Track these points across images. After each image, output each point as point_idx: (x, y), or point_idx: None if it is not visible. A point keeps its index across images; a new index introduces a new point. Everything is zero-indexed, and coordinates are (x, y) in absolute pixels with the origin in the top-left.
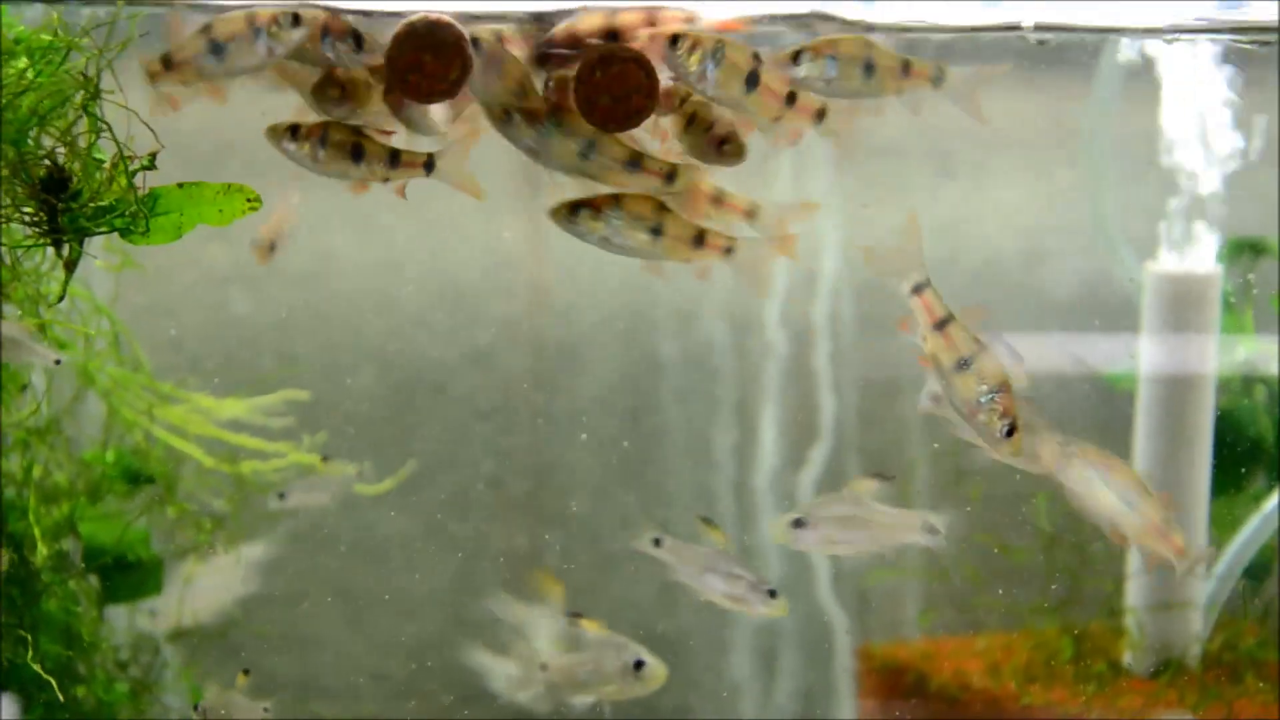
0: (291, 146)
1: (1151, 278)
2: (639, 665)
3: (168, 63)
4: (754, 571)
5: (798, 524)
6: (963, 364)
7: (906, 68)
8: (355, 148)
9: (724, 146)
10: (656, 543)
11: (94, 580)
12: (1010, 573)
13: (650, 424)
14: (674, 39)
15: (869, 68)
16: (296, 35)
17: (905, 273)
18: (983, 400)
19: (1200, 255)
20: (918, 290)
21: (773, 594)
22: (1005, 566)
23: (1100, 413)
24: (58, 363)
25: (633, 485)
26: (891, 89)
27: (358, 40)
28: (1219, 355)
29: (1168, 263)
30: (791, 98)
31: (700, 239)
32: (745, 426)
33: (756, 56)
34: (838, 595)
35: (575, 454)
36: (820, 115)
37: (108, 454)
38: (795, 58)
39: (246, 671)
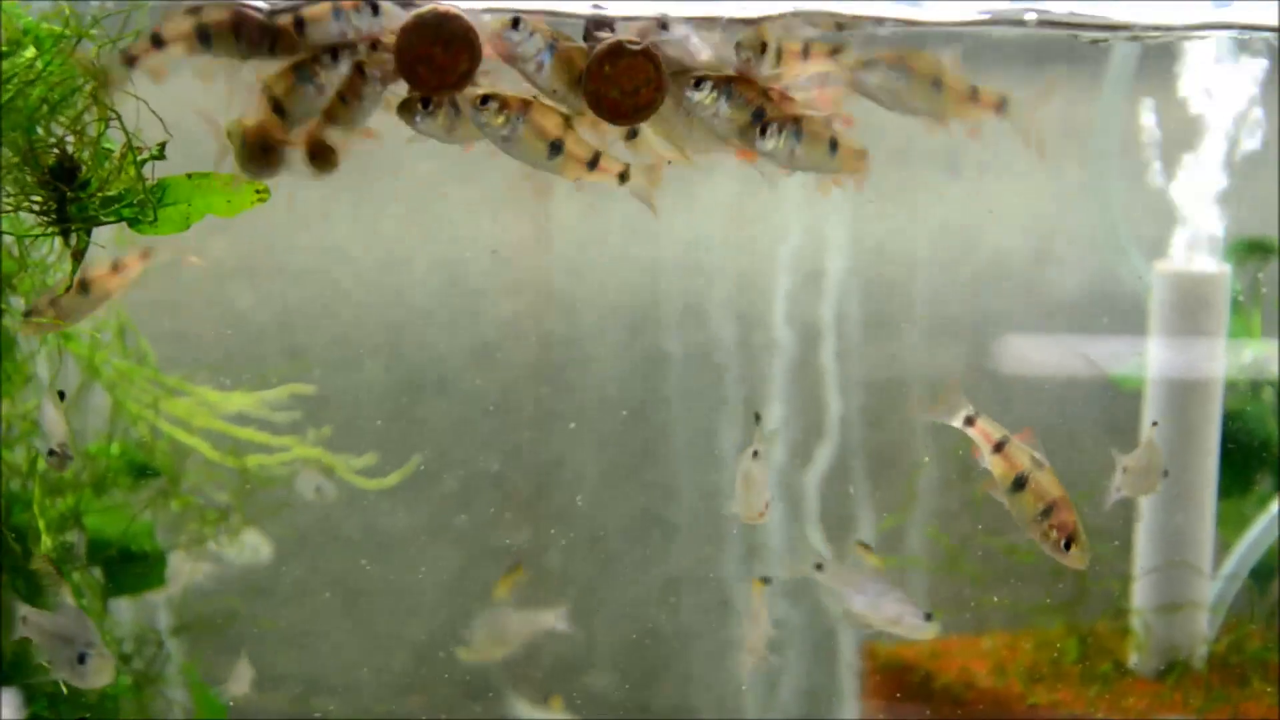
0: (483, 119)
1: (1160, 277)
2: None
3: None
4: (908, 595)
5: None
6: (1020, 482)
7: (974, 93)
8: (556, 143)
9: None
10: (819, 567)
11: (98, 573)
12: (1016, 572)
13: (655, 421)
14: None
15: (938, 85)
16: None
17: (955, 412)
18: (1040, 517)
19: (1209, 255)
20: (969, 422)
21: (929, 617)
22: (1011, 566)
23: (1107, 413)
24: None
25: (637, 482)
26: (955, 112)
27: (374, 7)
28: (1227, 356)
29: (1176, 262)
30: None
31: (595, 162)
32: (750, 424)
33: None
34: None
35: (580, 451)
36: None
37: (113, 447)
38: (867, 65)
39: None
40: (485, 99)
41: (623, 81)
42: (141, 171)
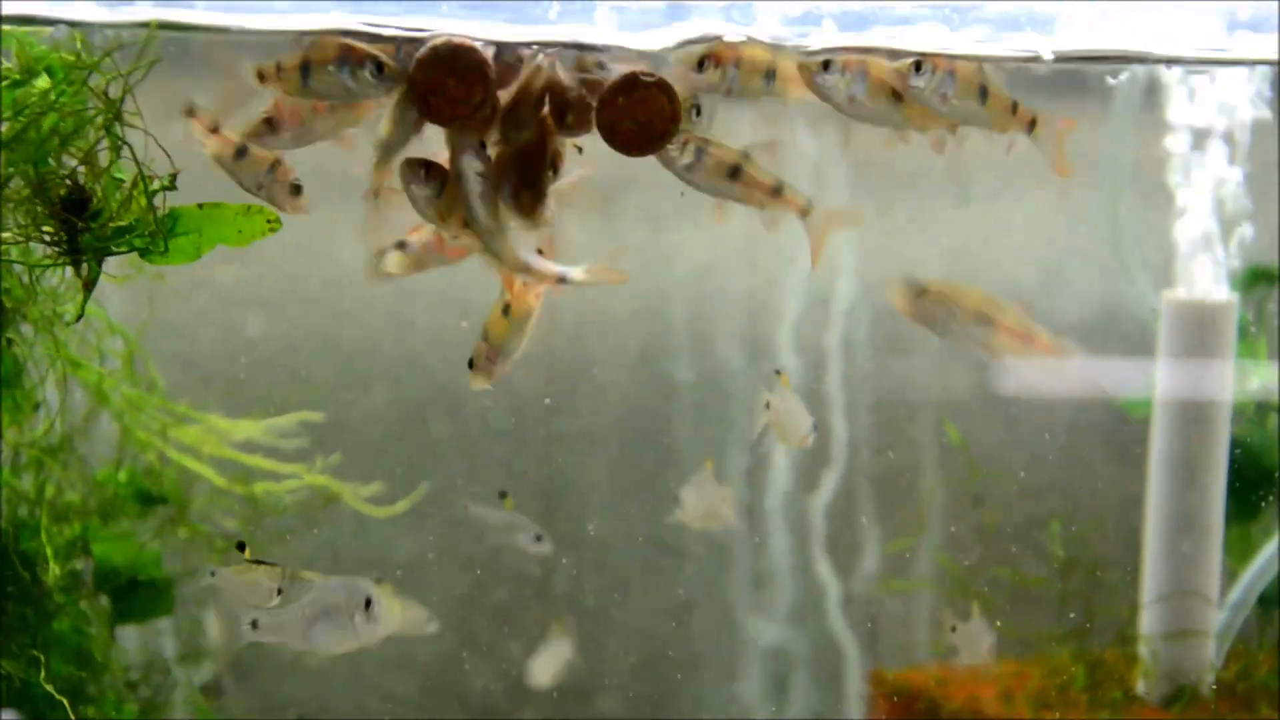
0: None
1: (1169, 305)
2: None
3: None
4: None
5: None
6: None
7: (1014, 108)
8: (734, 169)
9: None
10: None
11: (105, 600)
12: (1024, 599)
13: (663, 446)
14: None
15: (984, 94)
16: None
17: None
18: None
19: (1216, 283)
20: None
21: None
22: (1019, 592)
23: (1115, 439)
24: None
25: (645, 507)
26: (997, 125)
27: (379, 67)
28: (1234, 383)
29: (1185, 290)
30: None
31: (778, 191)
32: (757, 449)
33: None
34: (849, 619)
35: (587, 475)
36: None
37: (121, 474)
38: (917, 68)
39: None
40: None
41: (637, 113)
42: (152, 202)
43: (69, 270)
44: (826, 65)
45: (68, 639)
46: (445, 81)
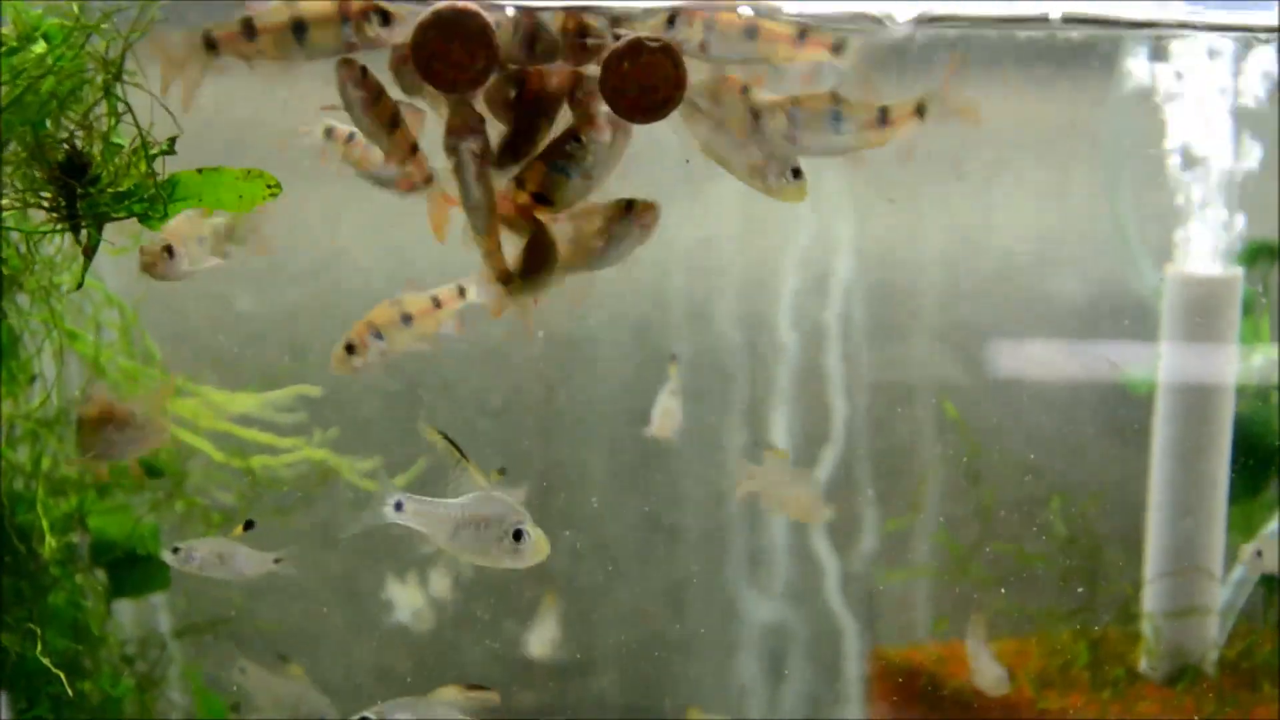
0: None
1: (1171, 281)
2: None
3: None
4: None
5: None
6: None
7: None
8: (750, 29)
9: None
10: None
11: (101, 574)
12: (1025, 577)
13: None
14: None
15: (751, 33)
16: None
17: None
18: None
19: (1220, 258)
20: None
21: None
22: (1020, 570)
23: (1117, 417)
24: None
25: (642, 486)
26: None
27: (384, 16)
28: (1238, 359)
29: (1187, 265)
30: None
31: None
32: (756, 428)
33: None
34: (847, 598)
35: (585, 454)
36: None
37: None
38: (670, 21)
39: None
40: None
41: (641, 78)
42: (152, 166)
43: (66, 240)
44: (672, 20)
45: (64, 613)
46: (448, 47)
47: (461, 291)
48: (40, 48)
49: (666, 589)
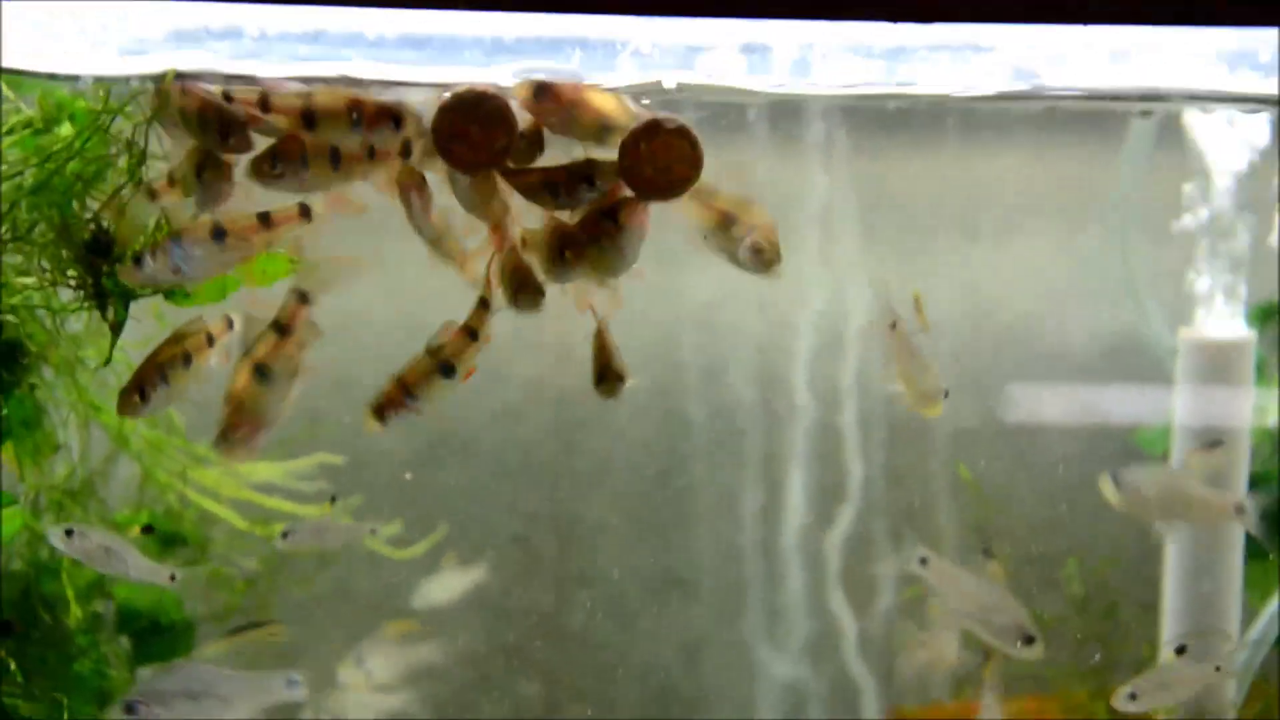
0: None
1: (1185, 344)
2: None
3: None
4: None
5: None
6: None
7: None
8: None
9: None
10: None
11: (126, 642)
12: (1043, 636)
13: (677, 484)
14: None
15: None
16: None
17: None
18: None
19: (1231, 321)
20: None
21: (1030, 640)
22: (1037, 629)
23: None
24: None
25: (659, 545)
26: None
27: (396, 120)
28: (1251, 420)
29: (1201, 329)
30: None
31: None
32: (772, 487)
33: None
34: (865, 656)
35: (601, 513)
36: None
37: (141, 516)
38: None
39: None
40: None
41: (658, 158)
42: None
43: (92, 314)
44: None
45: (89, 681)
46: (468, 129)
47: (229, 323)
48: (67, 130)
49: (681, 645)
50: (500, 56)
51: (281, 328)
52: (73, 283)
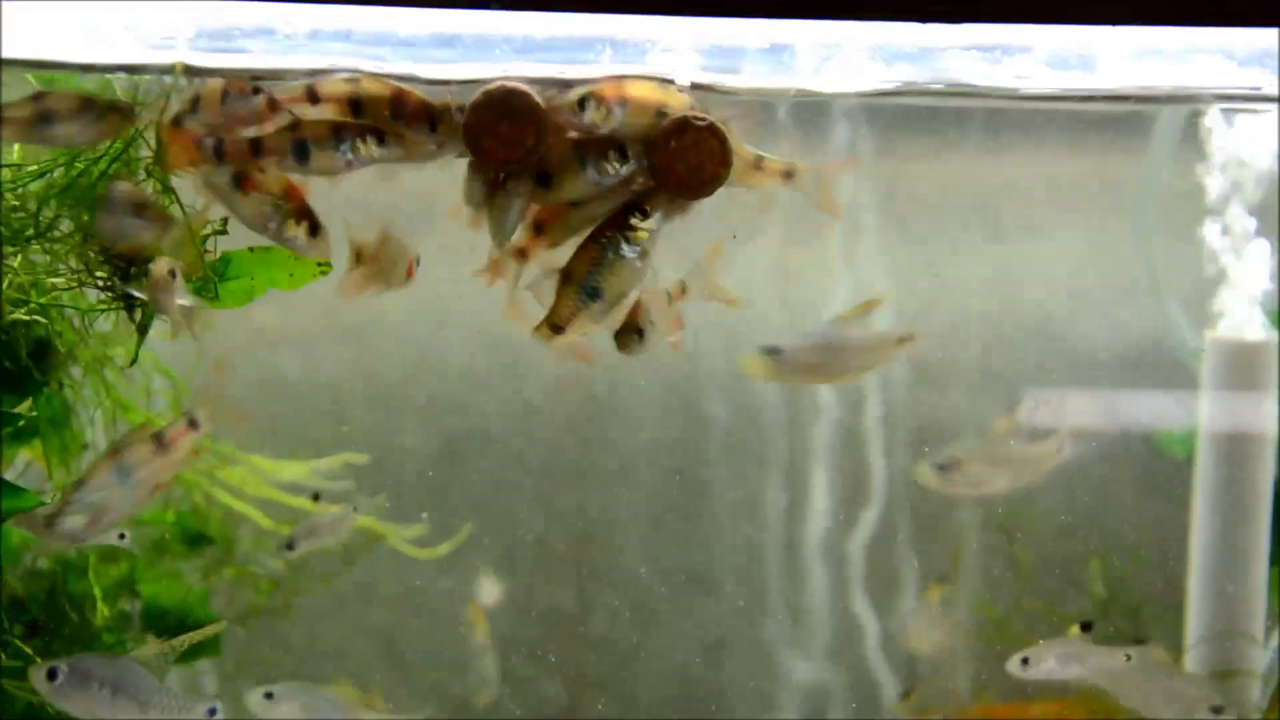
0: None
1: (1209, 345)
2: None
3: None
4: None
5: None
6: None
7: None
8: None
9: None
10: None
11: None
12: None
13: (699, 482)
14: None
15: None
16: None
17: None
18: None
19: (1254, 322)
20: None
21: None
22: (1059, 631)
23: (1152, 475)
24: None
25: (680, 544)
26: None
27: (432, 122)
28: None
29: (1225, 330)
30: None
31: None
32: (795, 487)
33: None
34: (888, 657)
35: (623, 512)
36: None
37: (168, 514)
38: (581, 105)
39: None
40: None
41: (689, 156)
42: (204, 246)
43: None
44: (582, 104)
45: None
46: (498, 126)
47: (193, 423)
48: None
49: (703, 645)
50: (531, 54)
51: (162, 443)
52: (101, 284)
